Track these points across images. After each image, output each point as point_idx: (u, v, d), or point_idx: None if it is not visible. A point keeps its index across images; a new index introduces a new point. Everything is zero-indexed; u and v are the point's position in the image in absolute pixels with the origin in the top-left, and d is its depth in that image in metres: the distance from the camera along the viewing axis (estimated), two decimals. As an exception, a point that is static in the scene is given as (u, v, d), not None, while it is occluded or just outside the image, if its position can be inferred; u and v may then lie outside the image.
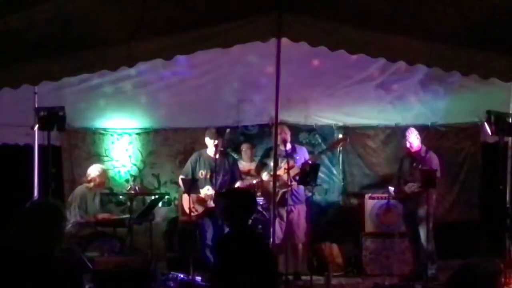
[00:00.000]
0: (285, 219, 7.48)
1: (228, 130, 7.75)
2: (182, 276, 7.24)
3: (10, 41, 5.36)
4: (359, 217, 8.35)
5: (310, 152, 8.16)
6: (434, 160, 7.40)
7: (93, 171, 7.82)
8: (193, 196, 7.37)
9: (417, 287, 7.09)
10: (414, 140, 7.51)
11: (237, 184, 7.57)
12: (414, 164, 7.50)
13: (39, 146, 7.56)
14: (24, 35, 5.34)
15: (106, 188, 8.23)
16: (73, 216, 7.60)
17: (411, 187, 7.61)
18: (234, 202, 4.38)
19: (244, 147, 8.74)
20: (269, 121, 8.51)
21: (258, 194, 8.27)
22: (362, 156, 9.03)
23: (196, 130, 8.77)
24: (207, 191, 7.40)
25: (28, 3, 5.21)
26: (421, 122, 8.55)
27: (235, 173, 7.66)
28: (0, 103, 7.43)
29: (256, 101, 8.59)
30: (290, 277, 7.37)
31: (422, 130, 8.13)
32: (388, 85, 8.46)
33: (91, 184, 7.78)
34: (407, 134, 7.57)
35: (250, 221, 4.57)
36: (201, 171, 7.56)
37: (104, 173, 7.85)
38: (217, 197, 7.04)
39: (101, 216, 7.71)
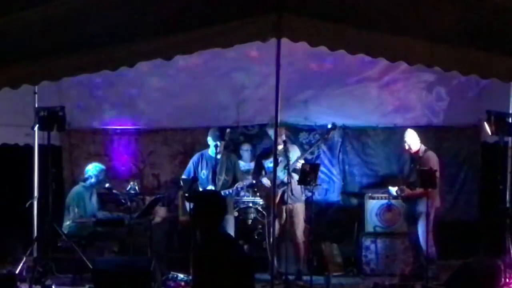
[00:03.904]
0: (284, 218, 7.48)
1: (228, 130, 7.73)
2: (182, 276, 7.24)
3: (10, 41, 5.36)
4: (359, 217, 8.35)
5: (310, 152, 8.16)
6: (432, 160, 7.37)
7: (90, 169, 7.82)
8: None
9: (417, 287, 7.09)
10: (412, 141, 7.48)
11: (238, 184, 7.56)
12: (413, 165, 7.49)
13: (39, 146, 7.57)
14: (24, 35, 5.34)
15: (104, 187, 8.25)
16: (72, 217, 7.60)
17: (401, 190, 7.62)
18: (202, 205, 4.20)
19: (245, 147, 8.74)
20: (269, 121, 8.50)
21: (258, 194, 8.28)
22: (362, 156, 9.03)
23: (196, 130, 8.77)
24: None
25: (28, 3, 5.21)
26: (421, 122, 8.55)
27: (236, 173, 7.66)
28: (0, 103, 7.44)
29: (256, 101, 8.58)
30: (292, 277, 7.38)
31: (422, 130, 8.11)
32: (388, 86, 8.46)
33: (87, 183, 7.78)
34: (405, 135, 7.54)
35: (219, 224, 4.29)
36: (203, 171, 7.55)
37: (101, 171, 7.85)
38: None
39: (100, 215, 7.71)
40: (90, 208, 7.73)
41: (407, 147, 7.52)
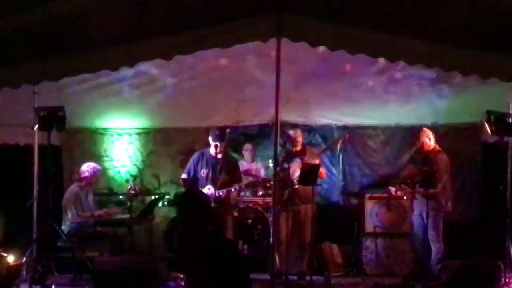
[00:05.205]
0: (291, 219, 7.49)
1: (228, 130, 7.74)
2: (182, 276, 7.23)
3: (10, 41, 5.37)
4: (359, 217, 8.35)
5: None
6: (441, 162, 7.38)
7: (85, 168, 7.81)
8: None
9: (417, 287, 7.09)
10: (425, 140, 7.50)
11: (237, 185, 7.56)
12: (422, 164, 7.49)
13: (39, 146, 7.57)
14: (24, 35, 5.34)
15: (100, 186, 8.27)
16: (70, 217, 7.59)
17: (399, 189, 7.63)
18: (184, 207, 4.16)
19: (247, 147, 8.74)
20: (269, 121, 8.51)
21: (260, 193, 8.30)
22: (362, 156, 9.03)
23: (196, 130, 8.77)
24: (208, 190, 7.39)
25: (28, 3, 5.21)
26: (421, 122, 8.53)
27: (236, 173, 7.66)
28: (0, 103, 7.44)
29: (256, 101, 8.58)
30: (294, 277, 7.38)
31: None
32: (388, 86, 8.45)
33: (83, 182, 7.77)
34: (420, 134, 7.56)
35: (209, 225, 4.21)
36: (203, 169, 7.54)
37: (96, 171, 7.84)
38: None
39: (97, 213, 7.70)
40: (87, 207, 7.73)
41: (418, 145, 7.54)
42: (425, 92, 8.51)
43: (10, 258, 6.60)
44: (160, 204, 8.12)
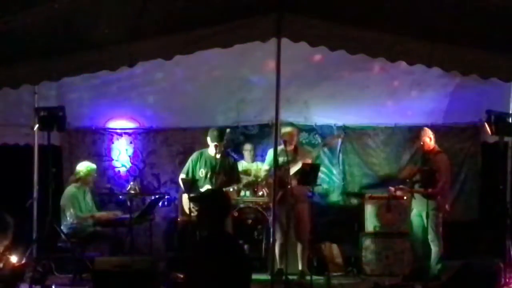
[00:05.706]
0: (286, 218, 7.48)
1: (228, 130, 7.74)
2: (182, 276, 7.23)
3: (10, 41, 5.37)
4: (359, 217, 8.35)
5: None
6: (441, 163, 7.39)
7: (80, 168, 7.80)
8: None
9: (417, 287, 7.09)
10: (426, 140, 7.51)
11: (235, 185, 7.56)
12: (422, 164, 7.50)
13: (39, 146, 7.57)
14: (24, 35, 5.34)
15: (100, 186, 8.26)
16: (69, 218, 7.58)
17: (399, 189, 7.64)
18: (206, 204, 4.25)
19: (247, 147, 8.73)
20: (269, 121, 8.51)
21: (260, 193, 8.29)
22: (362, 156, 9.03)
23: (196, 130, 8.77)
24: None
25: (28, 3, 5.21)
26: (421, 122, 8.54)
27: (234, 173, 7.65)
28: (0, 103, 7.45)
29: (256, 101, 8.59)
30: (295, 277, 7.38)
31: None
32: (388, 85, 8.46)
33: (79, 183, 7.76)
34: (421, 133, 7.58)
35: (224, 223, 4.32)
36: (201, 169, 7.53)
37: (90, 170, 7.82)
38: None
39: (97, 215, 7.70)
40: (86, 207, 7.72)
41: (419, 145, 7.56)
42: (424, 92, 8.53)
43: (14, 259, 6.59)
44: (160, 204, 8.12)
